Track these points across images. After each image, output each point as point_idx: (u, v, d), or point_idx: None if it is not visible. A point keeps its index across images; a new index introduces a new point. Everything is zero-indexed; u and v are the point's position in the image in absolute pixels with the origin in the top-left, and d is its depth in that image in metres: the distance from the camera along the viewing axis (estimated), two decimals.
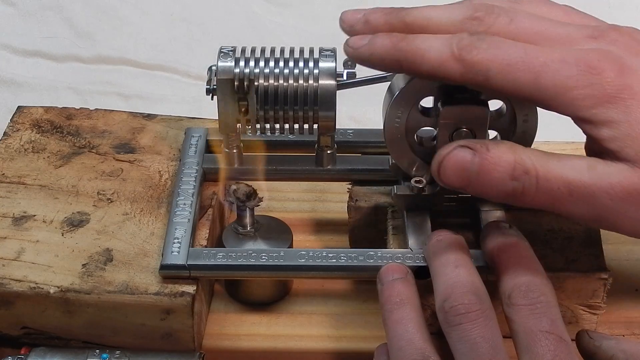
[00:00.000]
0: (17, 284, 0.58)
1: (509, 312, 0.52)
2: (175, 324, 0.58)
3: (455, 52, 0.52)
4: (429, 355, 0.52)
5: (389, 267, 0.57)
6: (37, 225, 0.62)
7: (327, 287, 0.65)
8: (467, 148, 0.53)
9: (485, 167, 0.52)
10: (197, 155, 0.66)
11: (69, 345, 0.60)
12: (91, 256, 0.60)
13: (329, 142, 0.64)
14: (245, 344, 0.62)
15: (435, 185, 0.61)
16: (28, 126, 0.70)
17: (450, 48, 0.52)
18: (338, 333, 0.62)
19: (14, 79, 0.94)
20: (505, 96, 0.56)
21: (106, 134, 0.69)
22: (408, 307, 0.54)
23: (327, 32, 1.00)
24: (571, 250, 0.60)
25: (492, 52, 0.52)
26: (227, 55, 0.60)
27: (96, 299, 0.58)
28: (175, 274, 0.58)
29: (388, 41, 0.54)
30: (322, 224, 0.69)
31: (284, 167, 0.66)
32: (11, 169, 0.66)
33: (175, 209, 0.62)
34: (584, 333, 0.56)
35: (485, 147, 0.53)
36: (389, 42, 0.54)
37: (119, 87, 0.94)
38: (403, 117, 0.59)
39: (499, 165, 0.52)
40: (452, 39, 0.53)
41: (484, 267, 0.57)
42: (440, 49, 0.53)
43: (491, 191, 0.53)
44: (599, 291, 0.59)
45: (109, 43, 0.99)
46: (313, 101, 0.60)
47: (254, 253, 0.59)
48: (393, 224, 0.62)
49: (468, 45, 0.52)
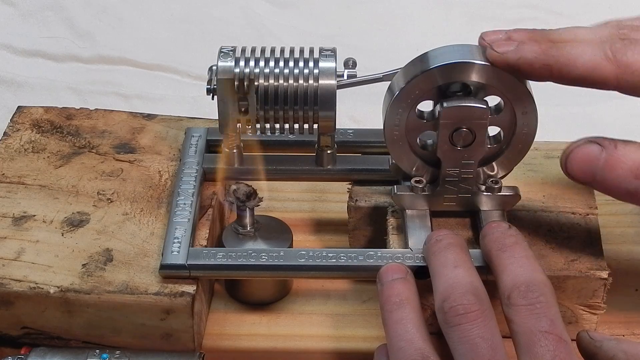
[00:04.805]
0: (17, 284, 0.58)
1: (508, 312, 0.52)
2: (175, 324, 0.58)
3: (609, 55, 0.52)
4: (429, 355, 0.52)
5: (388, 267, 0.57)
6: (37, 225, 0.62)
7: (327, 287, 0.65)
8: (596, 143, 0.53)
9: (611, 164, 0.52)
10: (197, 155, 0.66)
11: (69, 345, 0.60)
12: (91, 256, 0.60)
13: (329, 142, 0.64)
14: (245, 344, 0.62)
15: (435, 185, 0.61)
16: (28, 126, 0.70)
17: (603, 51, 0.52)
18: (338, 333, 0.62)
19: (14, 79, 0.94)
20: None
21: (106, 134, 0.69)
22: (408, 307, 0.54)
23: (327, 32, 1.01)
24: (571, 250, 0.60)
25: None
26: (227, 55, 0.60)
27: (96, 299, 0.58)
28: (175, 274, 0.58)
29: (537, 47, 0.54)
30: (322, 224, 0.69)
31: (284, 167, 0.66)
32: (11, 169, 0.66)
33: (175, 209, 0.62)
34: (584, 334, 0.56)
35: (614, 144, 0.53)
36: (538, 47, 0.54)
37: (119, 87, 0.94)
38: (403, 117, 0.59)
39: (625, 163, 0.52)
40: (604, 44, 0.53)
41: (484, 267, 0.57)
42: (592, 52, 0.52)
43: (614, 188, 0.53)
44: (599, 291, 0.59)
45: (109, 43, 0.99)
46: (313, 101, 0.60)
47: (254, 253, 0.59)
48: (393, 224, 0.62)
49: (622, 47, 0.52)
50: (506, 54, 0.55)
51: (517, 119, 0.58)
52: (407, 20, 1.03)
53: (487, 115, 0.57)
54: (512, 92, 0.57)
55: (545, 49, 0.54)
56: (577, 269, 0.59)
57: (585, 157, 0.53)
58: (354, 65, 0.61)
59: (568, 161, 0.54)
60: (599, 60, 0.52)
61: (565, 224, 0.62)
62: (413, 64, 0.58)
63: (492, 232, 0.57)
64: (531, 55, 0.54)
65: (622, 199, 0.54)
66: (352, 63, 0.61)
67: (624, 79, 0.52)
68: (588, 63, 0.53)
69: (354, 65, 0.61)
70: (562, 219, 0.62)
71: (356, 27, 1.03)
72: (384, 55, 0.97)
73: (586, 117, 0.89)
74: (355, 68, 0.61)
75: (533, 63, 0.54)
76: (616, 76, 0.52)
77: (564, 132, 0.62)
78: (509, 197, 0.61)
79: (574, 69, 0.53)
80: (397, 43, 0.99)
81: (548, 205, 0.63)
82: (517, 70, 0.55)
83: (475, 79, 0.57)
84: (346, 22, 1.04)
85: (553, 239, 0.61)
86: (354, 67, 0.61)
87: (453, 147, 0.59)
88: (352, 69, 0.61)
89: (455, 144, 0.59)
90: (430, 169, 0.61)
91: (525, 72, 0.55)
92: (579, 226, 0.61)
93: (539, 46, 0.54)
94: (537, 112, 0.58)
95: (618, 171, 0.52)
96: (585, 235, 0.61)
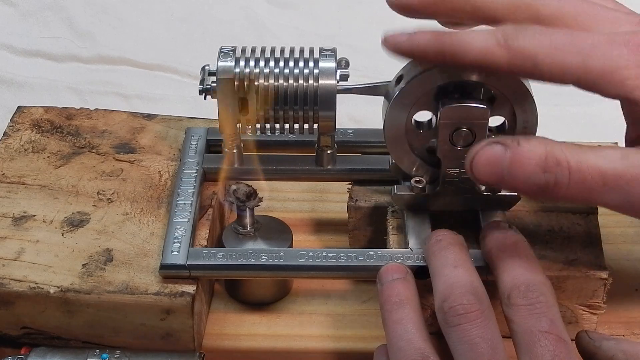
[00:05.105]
0: (17, 284, 0.58)
1: (508, 312, 0.52)
2: (175, 324, 0.58)
3: (500, 40, 0.52)
4: (429, 355, 0.52)
5: (388, 267, 0.57)
6: (37, 225, 0.62)
7: (327, 287, 0.65)
8: (499, 144, 0.53)
9: (517, 161, 0.52)
10: (197, 155, 0.66)
11: (69, 345, 0.60)
12: (91, 256, 0.60)
13: (329, 142, 0.64)
14: (245, 344, 0.62)
15: (435, 185, 0.61)
16: (28, 126, 0.70)
17: (495, 37, 0.52)
18: (338, 333, 0.62)
19: (14, 79, 0.94)
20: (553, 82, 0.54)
21: (106, 134, 0.69)
22: (408, 307, 0.54)
23: (327, 32, 1.01)
24: (571, 250, 0.60)
25: (539, 37, 0.52)
26: (227, 55, 0.60)
27: (96, 299, 0.58)
28: (175, 274, 0.58)
29: (430, 35, 0.54)
30: (322, 224, 0.69)
31: (284, 167, 0.66)
32: (11, 169, 0.66)
33: (175, 209, 0.62)
34: (583, 334, 0.56)
35: (517, 142, 0.52)
36: (430, 35, 0.54)
37: (119, 87, 0.94)
38: (403, 117, 0.59)
39: (531, 158, 0.52)
40: (496, 30, 0.53)
41: (484, 267, 0.57)
42: (484, 38, 0.53)
43: (524, 185, 0.52)
44: (599, 291, 0.59)
45: (109, 43, 0.99)
46: (313, 101, 0.60)
47: (254, 253, 0.59)
48: (393, 224, 0.62)
49: (513, 33, 0.52)
50: (400, 43, 0.55)
51: (517, 119, 0.58)
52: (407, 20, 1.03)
53: (487, 115, 0.57)
54: (512, 92, 0.57)
55: (437, 36, 0.54)
56: (577, 269, 0.59)
57: (490, 159, 0.52)
58: (346, 65, 0.61)
59: (473, 165, 0.53)
60: (491, 45, 0.52)
61: (565, 224, 0.62)
62: (413, 64, 0.58)
63: (492, 232, 0.58)
64: (424, 42, 0.54)
65: (533, 196, 0.54)
66: (344, 63, 0.61)
67: (516, 63, 0.52)
68: (480, 49, 0.52)
69: (346, 65, 0.61)
70: (562, 219, 0.62)
71: (356, 27, 1.03)
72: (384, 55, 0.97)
73: (586, 117, 0.89)
74: (348, 68, 0.61)
75: (426, 50, 0.54)
76: (508, 62, 0.52)
77: (564, 132, 0.62)
78: (509, 197, 0.61)
79: (466, 55, 0.53)
80: None
81: (548, 205, 0.63)
82: (412, 57, 0.55)
83: (474, 79, 0.57)
84: (346, 22, 1.04)
85: (553, 239, 0.61)
86: (347, 67, 0.61)
87: (453, 147, 0.59)
88: (344, 69, 0.61)
89: (455, 144, 0.59)
90: (430, 169, 0.61)
91: (420, 59, 0.55)
92: (579, 226, 0.61)
93: (430, 34, 0.54)
94: (537, 112, 0.58)
95: (525, 167, 0.52)
96: (585, 235, 0.61)
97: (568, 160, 0.51)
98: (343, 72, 0.60)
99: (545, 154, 0.51)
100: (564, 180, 0.51)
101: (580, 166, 0.51)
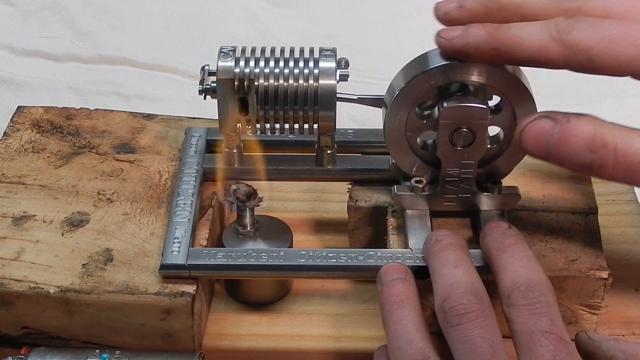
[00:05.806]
0: (17, 284, 0.58)
1: (508, 312, 0.52)
2: (175, 324, 0.58)
3: (554, 35, 0.52)
4: (429, 355, 0.52)
5: (388, 267, 0.57)
6: (37, 225, 0.62)
7: (327, 287, 0.65)
8: (549, 118, 0.52)
9: (565, 138, 0.52)
10: (197, 155, 0.66)
11: (69, 345, 0.60)
12: (91, 256, 0.60)
13: (329, 142, 0.64)
14: (245, 344, 0.62)
15: (435, 185, 0.61)
16: (28, 126, 0.70)
17: (548, 32, 0.52)
18: (338, 333, 0.62)
19: (14, 79, 0.94)
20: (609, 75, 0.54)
21: (106, 134, 0.69)
22: (408, 307, 0.54)
23: (327, 32, 1.01)
24: (571, 250, 0.60)
25: (592, 30, 0.52)
26: (227, 55, 0.60)
27: (96, 299, 0.58)
28: (175, 274, 0.58)
29: (483, 31, 0.54)
30: (322, 224, 0.69)
31: (284, 167, 0.66)
32: (11, 169, 0.66)
33: (175, 209, 0.62)
34: (583, 334, 0.56)
35: (566, 118, 0.52)
36: (484, 31, 0.54)
37: (119, 87, 0.94)
38: (403, 117, 0.59)
39: (578, 136, 0.51)
40: (548, 24, 0.52)
41: (484, 267, 0.57)
42: (538, 33, 0.52)
43: (570, 162, 0.52)
44: (599, 291, 0.59)
45: (109, 43, 0.99)
46: (313, 101, 0.60)
47: (254, 253, 0.59)
48: (393, 224, 0.62)
49: (567, 27, 0.52)
50: (452, 40, 0.55)
51: (517, 119, 0.59)
52: (407, 20, 1.03)
53: (487, 115, 0.57)
54: (512, 92, 0.57)
55: (491, 32, 0.53)
56: (577, 269, 0.59)
57: (538, 133, 0.52)
58: (346, 65, 0.61)
59: (522, 137, 0.53)
60: (545, 41, 0.52)
61: (565, 224, 0.62)
62: (413, 64, 0.58)
63: (492, 232, 0.58)
64: (477, 39, 0.54)
65: (580, 173, 0.54)
66: (344, 63, 0.61)
67: (571, 58, 0.52)
68: (535, 45, 0.52)
69: (346, 65, 0.61)
70: (562, 219, 0.62)
71: (356, 27, 1.03)
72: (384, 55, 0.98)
73: None
74: (348, 68, 0.61)
75: (480, 47, 0.54)
76: (564, 57, 0.52)
77: None
78: (509, 197, 0.61)
79: (521, 51, 0.53)
80: (397, 43, 0.99)
81: (548, 205, 0.63)
82: (466, 55, 0.55)
83: (475, 79, 0.57)
84: (346, 22, 1.04)
85: (553, 239, 0.61)
86: (347, 67, 0.61)
87: (453, 147, 0.59)
88: (344, 69, 0.61)
89: (455, 144, 0.59)
90: (430, 169, 0.61)
91: (474, 57, 0.55)
92: (579, 226, 0.61)
93: (484, 30, 0.54)
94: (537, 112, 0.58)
95: (572, 145, 0.51)
96: (585, 235, 0.61)
97: (615, 142, 0.51)
98: (343, 72, 0.60)
99: (593, 134, 0.51)
100: (610, 161, 0.51)
101: (627, 149, 0.51)
